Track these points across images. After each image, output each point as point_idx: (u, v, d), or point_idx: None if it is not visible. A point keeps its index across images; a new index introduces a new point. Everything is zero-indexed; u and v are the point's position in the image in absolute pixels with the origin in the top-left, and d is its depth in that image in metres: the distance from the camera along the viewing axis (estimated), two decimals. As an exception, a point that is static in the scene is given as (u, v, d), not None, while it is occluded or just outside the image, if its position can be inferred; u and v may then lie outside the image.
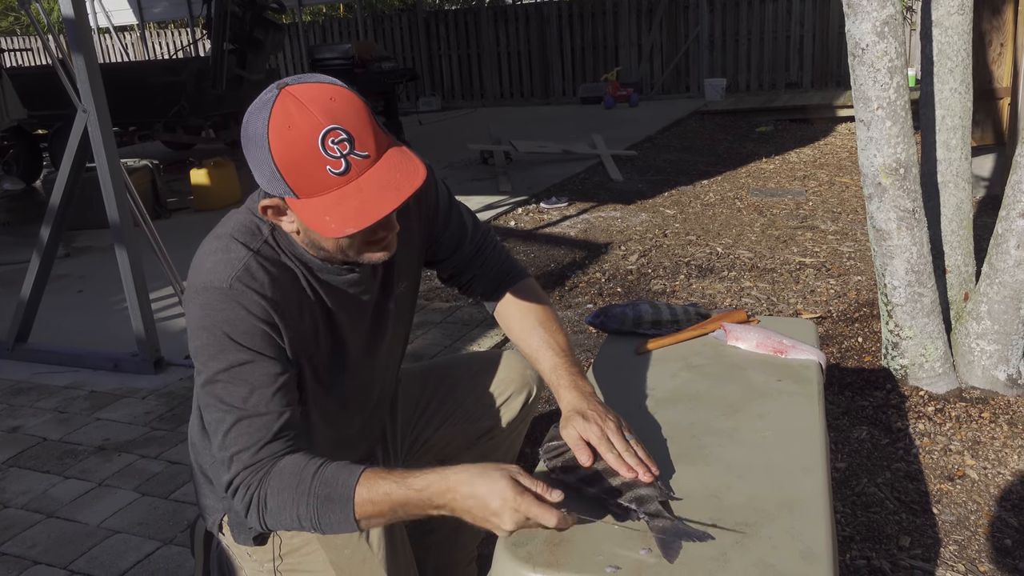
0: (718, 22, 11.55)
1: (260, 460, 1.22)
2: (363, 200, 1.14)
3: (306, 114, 1.12)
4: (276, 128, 1.12)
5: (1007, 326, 2.56)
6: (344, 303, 1.37)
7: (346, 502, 1.17)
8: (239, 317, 1.21)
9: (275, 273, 1.26)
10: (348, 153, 1.13)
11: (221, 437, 1.23)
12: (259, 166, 1.16)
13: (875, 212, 2.62)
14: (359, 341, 1.43)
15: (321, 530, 1.20)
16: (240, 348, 1.21)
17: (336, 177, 1.14)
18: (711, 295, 3.84)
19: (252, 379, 1.22)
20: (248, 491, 1.22)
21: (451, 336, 3.56)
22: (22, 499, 2.52)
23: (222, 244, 1.27)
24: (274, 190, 1.18)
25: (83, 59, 3.12)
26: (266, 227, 1.30)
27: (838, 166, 6.71)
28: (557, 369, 1.45)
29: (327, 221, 1.14)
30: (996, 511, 2.11)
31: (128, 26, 14.86)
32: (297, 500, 1.19)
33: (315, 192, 1.15)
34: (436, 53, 13.39)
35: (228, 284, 1.22)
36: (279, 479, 1.21)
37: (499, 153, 7.52)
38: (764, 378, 1.60)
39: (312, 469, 1.20)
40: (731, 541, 1.12)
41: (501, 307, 1.59)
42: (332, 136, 1.12)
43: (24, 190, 8.03)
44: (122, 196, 3.28)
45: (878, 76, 2.48)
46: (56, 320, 4.03)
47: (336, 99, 1.15)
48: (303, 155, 1.12)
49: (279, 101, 1.13)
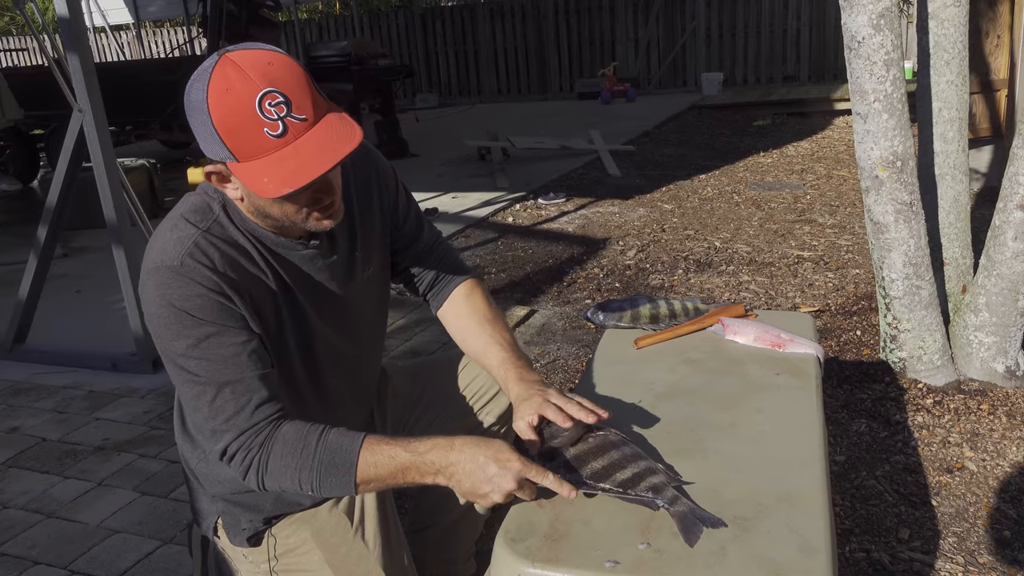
0: (715, 16, 11.54)
1: (257, 424, 1.24)
2: (300, 161, 1.15)
3: (244, 78, 1.13)
4: (215, 92, 1.14)
5: (1005, 318, 2.56)
6: (303, 280, 1.38)
7: (349, 466, 1.22)
8: (195, 292, 1.23)
9: (225, 250, 1.28)
10: (285, 116, 1.15)
11: (207, 408, 1.24)
12: (201, 132, 1.17)
13: (872, 205, 2.62)
14: (328, 323, 1.43)
15: (320, 492, 1.25)
16: (201, 323, 1.23)
17: (274, 139, 1.15)
18: (709, 289, 3.84)
19: (222, 350, 1.23)
20: (248, 454, 1.24)
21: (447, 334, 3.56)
22: (22, 499, 2.52)
23: (171, 224, 1.29)
24: (216, 155, 1.19)
25: (78, 59, 3.11)
26: (217, 205, 1.31)
27: (836, 159, 6.71)
28: (504, 364, 1.46)
29: (265, 182, 1.16)
30: (995, 503, 2.11)
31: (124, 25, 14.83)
32: (301, 465, 1.23)
33: (254, 155, 1.16)
34: (433, 50, 13.37)
35: (179, 262, 1.24)
36: (282, 444, 1.23)
37: (496, 149, 7.51)
38: (762, 372, 1.61)
39: (316, 434, 1.24)
40: (730, 535, 1.12)
41: (447, 306, 1.61)
42: (269, 99, 1.14)
43: (21, 190, 8.03)
44: (119, 195, 3.27)
45: (874, 69, 2.48)
46: (54, 320, 4.03)
47: (274, 63, 1.16)
48: (241, 118, 1.14)
49: (218, 67, 1.15)
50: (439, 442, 1.23)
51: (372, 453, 1.22)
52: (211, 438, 1.26)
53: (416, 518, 1.82)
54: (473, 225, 5.35)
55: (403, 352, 3.42)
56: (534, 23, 12.60)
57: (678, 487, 1.21)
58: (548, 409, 1.31)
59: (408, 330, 3.65)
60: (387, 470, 1.23)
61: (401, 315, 3.81)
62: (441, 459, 1.22)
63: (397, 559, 1.47)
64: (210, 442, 1.26)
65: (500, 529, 1.18)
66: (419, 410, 1.70)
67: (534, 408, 1.32)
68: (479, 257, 4.69)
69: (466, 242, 5.00)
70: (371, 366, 1.61)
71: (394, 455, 1.22)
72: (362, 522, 1.45)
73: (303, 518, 1.46)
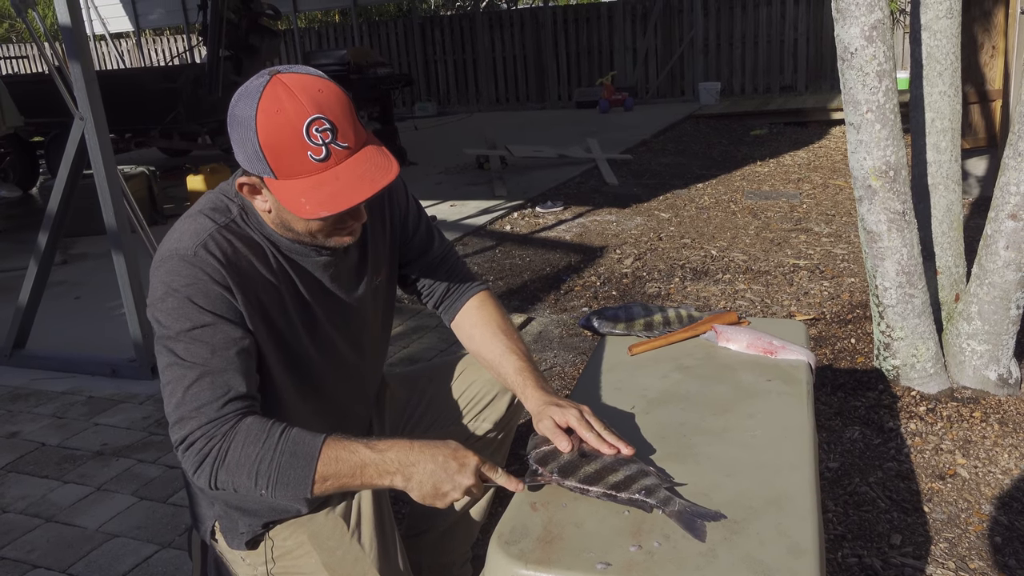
0: (712, 26, 11.60)
1: (225, 415, 1.24)
2: (339, 187, 1.20)
3: (295, 102, 1.18)
4: (265, 111, 1.18)
5: (997, 326, 2.59)
6: (314, 285, 1.41)
7: (311, 459, 1.22)
8: (201, 281, 1.26)
9: (239, 247, 1.31)
10: (330, 142, 1.19)
11: (182, 393, 1.24)
12: (243, 145, 1.21)
13: (866, 214, 2.65)
14: (336, 329, 1.46)
15: (274, 490, 1.23)
16: (202, 311, 1.25)
17: (316, 163, 1.19)
18: (705, 298, 3.86)
19: (213, 340, 1.25)
20: (209, 443, 1.23)
21: (447, 340, 3.58)
22: (21, 504, 2.53)
23: (191, 218, 1.33)
24: (254, 169, 1.23)
25: (80, 66, 3.14)
26: (235, 206, 1.35)
27: (832, 169, 6.74)
28: (523, 372, 1.49)
29: (303, 203, 1.20)
30: (986, 509, 2.13)
31: (124, 33, 14.88)
32: (261, 456, 1.22)
33: (294, 175, 1.20)
34: (432, 58, 13.42)
35: (192, 252, 1.27)
36: (245, 434, 1.23)
37: (495, 158, 7.54)
38: (754, 378, 1.63)
39: (280, 427, 1.25)
40: (719, 537, 1.14)
41: (461, 317, 1.64)
42: (317, 125, 1.18)
43: (21, 197, 8.05)
44: (119, 202, 3.29)
45: (867, 80, 2.51)
46: (54, 326, 4.05)
47: (324, 91, 1.20)
48: (288, 139, 1.18)
49: (270, 86, 1.19)
50: (400, 443, 1.26)
51: (334, 448, 1.23)
52: (176, 426, 1.25)
53: (412, 522, 1.83)
54: (471, 233, 5.38)
55: (401, 359, 3.44)
56: (533, 32, 12.66)
57: (670, 488, 1.23)
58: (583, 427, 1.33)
59: (406, 337, 3.67)
60: (347, 466, 1.23)
61: (399, 322, 3.83)
62: (402, 458, 1.24)
63: (393, 562, 1.48)
64: (174, 430, 1.25)
65: (494, 532, 1.20)
66: (416, 416, 1.72)
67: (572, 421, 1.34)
68: (477, 265, 4.71)
69: (464, 250, 5.02)
70: (373, 374, 1.63)
71: (355, 450, 1.24)
72: (359, 525, 1.47)
73: (300, 521, 1.47)
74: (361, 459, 1.24)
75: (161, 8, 13.72)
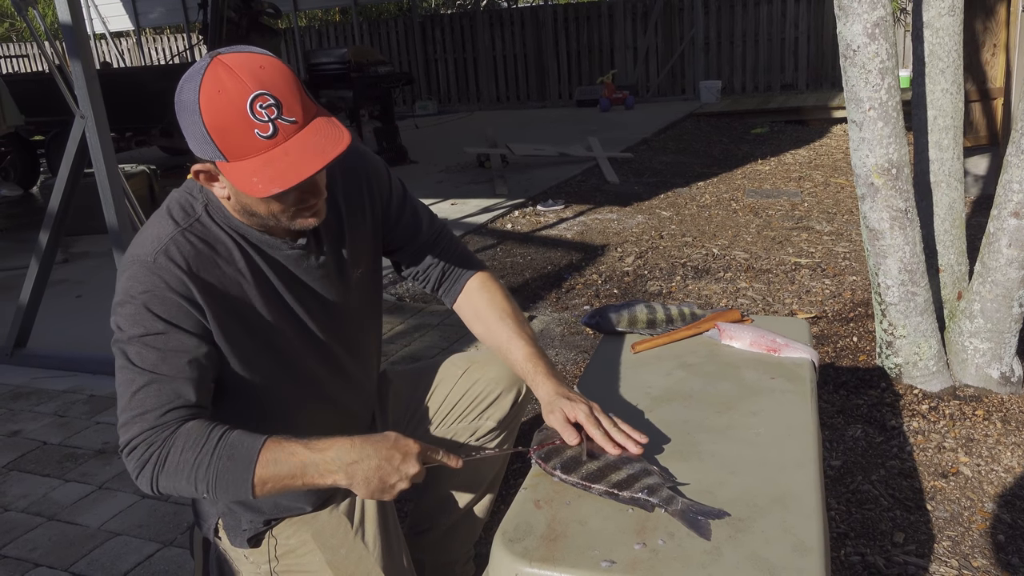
0: (713, 24, 11.59)
1: (166, 422, 1.24)
2: (289, 162, 1.18)
3: (236, 80, 1.16)
4: (207, 93, 1.16)
5: (1000, 324, 2.58)
6: (289, 279, 1.39)
7: (249, 463, 1.21)
8: (159, 288, 1.25)
9: (202, 249, 1.30)
10: (276, 118, 1.17)
11: (129, 397, 1.25)
12: (191, 131, 1.20)
13: (868, 212, 2.64)
14: (316, 323, 1.43)
15: (215, 491, 1.22)
16: (156, 318, 1.25)
17: (264, 140, 1.17)
18: (707, 296, 3.86)
19: (165, 347, 1.25)
20: (149, 449, 1.23)
21: (448, 338, 3.58)
22: (23, 502, 2.53)
23: (155, 219, 1.33)
24: (205, 154, 1.21)
25: (80, 65, 3.13)
26: (200, 203, 1.34)
27: (833, 167, 6.74)
28: (532, 358, 1.47)
29: (254, 182, 1.18)
30: (989, 507, 2.13)
31: (124, 32, 14.88)
32: (199, 461, 1.21)
33: (244, 155, 1.18)
34: (432, 57, 13.42)
35: (152, 258, 1.26)
36: (185, 438, 1.23)
37: (495, 156, 7.54)
38: (757, 376, 1.62)
39: (220, 431, 1.24)
40: (724, 535, 1.13)
41: (463, 298, 1.61)
42: (260, 101, 1.16)
43: (21, 196, 8.05)
44: (120, 201, 3.29)
45: (869, 77, 2.51)
46: (55, 325, 4.04)
47: (266, 67, 1.18)
48: (232, 119, 1.16)
49: (210, 68, 1.17)
50: (339, 441, 1.25)
51: (273, 451, 1.22)
52: (121, 429, 1.25)
53: (416, 520, 1.83)
54: (472, 232, 5.37)
55: (403, 357, 3.44)
56: (533, 31, 12.65)
57: (673, 487, 1.22)
58: (591, 424, 1.32)
59: (407, 335, 3.67)
60: (287, 468, 1.22)
61: (400, 320, 3.83)
62: (342, 456, 1.23)
63: (397, 560, 1.48)
64: (120, 433, 1.26)
65: (498, 530, 1.19)
66: (420, 413, 1.71)
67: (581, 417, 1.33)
68: (478, 263, 4.71)
69: (465, 248, 5.02)
70: (365, 369, 1.60)
71: (294, 451, 1.22)
72: (362, 523, 1.47)
73: (304, 519, 1.47)
74: (301, 460, 1.22)
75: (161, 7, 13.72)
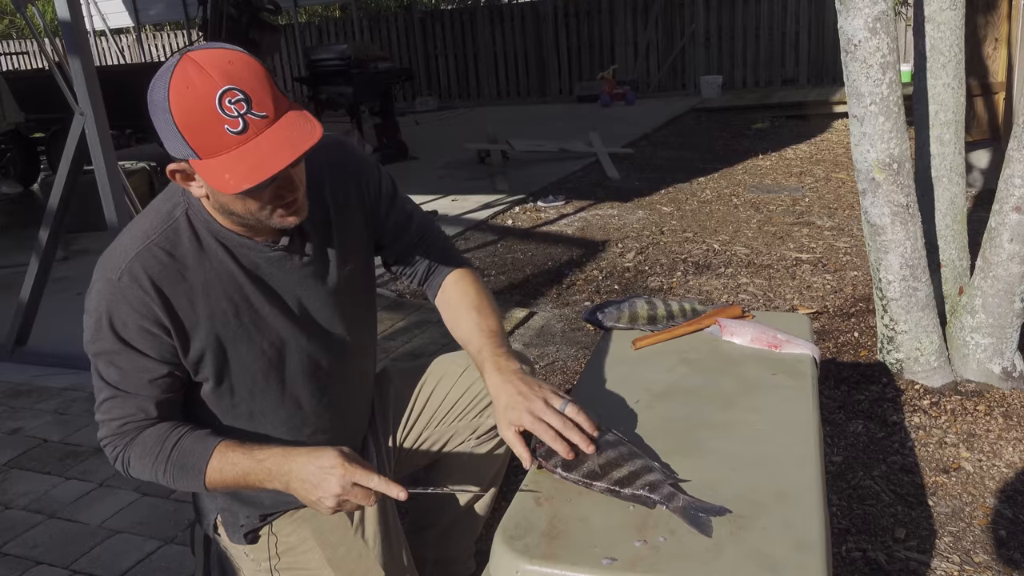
0: (714, 19, 11.56)
1: (126, 431, 1.35)
2: (260, 157, 1.17)
3: (204, 76, 1.15)
4: (176, 90, 1.15)
5: (1001, 319, 2.58)
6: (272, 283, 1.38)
7: (199, 472, 1.32)
8: (120, 310, 1.29)
9: (168, 262, 1.30)
10: (245, 113, 1.16)
11: (99, 401, 1.36)
12: (164, 130, 1.19)
13: (869, 207, 2.64)
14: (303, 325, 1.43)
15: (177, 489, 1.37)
16: (115, 338, 1.30)
17: (234, 136, 1.16)
18: (708, 292, 3.85)
19: (124, 367, 1.32)
20: (115, 450, 1.36)
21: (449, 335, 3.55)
22: (23, 500, 2.53)
23: (133, 225, 1.35)
24: (179, 153, 1.20)
25: (80, 62, 3.13)
26: (180, 209, 1.33)
27: (834, 162, 6.73)
28: (482, 351, 1.47)
29: (227, 179, 1.17)
30: (991, 503, 2.12)
31: (124, 29, 14.85)
32: (156, 467, 1.33)
33: (215, 152, 1.17)
34: (432, 53, 13.39)
35: (117, 276, 1.29)
36: (142, 446, 1.34)
37: (496, 152, 7.53)
38: (758, 372, 1.62)
39: (173, 440, 1.33)
40: (726, 532, 1.13)
41: (441, 295, 1.62)
42: (229, 96, 1.15)
43: (21, 193, 8.04)
44: (120, 198, 3.29)
45: (870, 72, 2.50)
46: (55, 323, 4.04)
47: (234, 62, 1.17)
48: (202, 115, 1.15)
49: (179, 66, 1.16)
50: (277, 451, 1.31)
51: (219, 460, 1.31)
52: (98, 424, 1.37)
53: (416, 517, 1.83)
54: (473, 228, 5.37)
55: (403, 354, 3.44)
56: (533, 26, 12.62)
57: (674, 484, 1.22)
58: (541, 429, 1.29)
59: (408, 332, 3.67)
60: (231, 475, 1.31)
61: (401, 317, 3.83)
62: (277, 467, 1.29)
63: (397, 558, 1.48)
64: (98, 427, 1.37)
65: (498, 527, 1.19)
66: (419, 411, 1.71)
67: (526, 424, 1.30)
68: (479, 259, 4.71)
69: (466, 244, 5.02)
70: (359, 368, 1.59)
71: (236, 462, 1.31)
72: (362, 521, 1.46)
73: (304, 516, 1.47)
74: (243, 469, 1.31)
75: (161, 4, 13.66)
